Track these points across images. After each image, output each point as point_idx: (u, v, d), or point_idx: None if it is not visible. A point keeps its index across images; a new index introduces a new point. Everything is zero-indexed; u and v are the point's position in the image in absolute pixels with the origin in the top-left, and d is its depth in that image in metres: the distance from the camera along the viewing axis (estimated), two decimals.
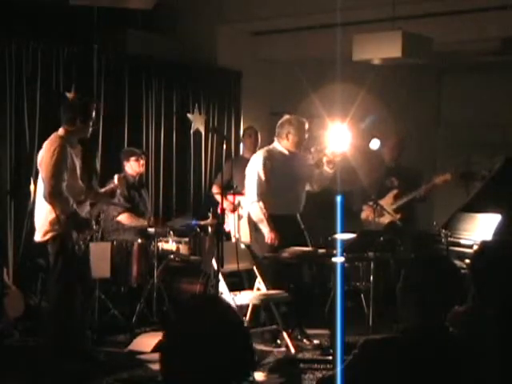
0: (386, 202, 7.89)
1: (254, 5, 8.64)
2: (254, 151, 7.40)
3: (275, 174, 6.65)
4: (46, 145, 5.63)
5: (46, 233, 5.61)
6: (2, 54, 6.97)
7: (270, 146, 6.82)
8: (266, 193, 6.61)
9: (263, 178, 6.62)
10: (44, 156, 5.57)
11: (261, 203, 6.57)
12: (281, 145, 6.74)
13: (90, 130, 5.75)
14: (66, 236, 5.55)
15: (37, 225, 5.71)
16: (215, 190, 7.85)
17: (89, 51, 7.66)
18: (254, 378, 5.18)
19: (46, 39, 7.33)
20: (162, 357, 2.15)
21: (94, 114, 5.73)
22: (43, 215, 5.62)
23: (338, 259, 5.76)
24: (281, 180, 6.65)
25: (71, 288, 5.63)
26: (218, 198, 7.25)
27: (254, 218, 6.64)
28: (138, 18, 8.45)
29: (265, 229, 6.55)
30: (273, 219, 6.55)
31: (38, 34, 7.27)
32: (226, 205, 7.04)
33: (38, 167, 5.66)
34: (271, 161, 6.66)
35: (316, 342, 6.55)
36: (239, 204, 7.28)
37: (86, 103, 5.80)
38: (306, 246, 6.55)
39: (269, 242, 6.50)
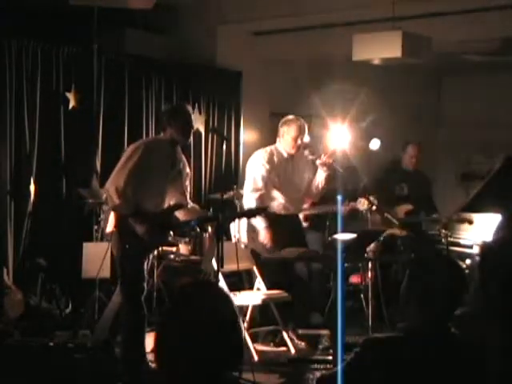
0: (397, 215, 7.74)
1: (254, 5, 8.63)
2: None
3: (272, 174, 6.63)
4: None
5: (111, 226, 5.52)
6: (2, 54, 6.97)
7: (272, 147, 6.78)
8: (265, 193, 6.58)
9: (260, 178, 6.59)
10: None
11: (256, 194, 6.51)
12: (281, 145, 6.74)
13: (188, 134, 5.61)
14: (125, 234, 5.38)
15: (110, 217, 5.63)
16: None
17: (89, 51, 7.65)
18: (254, 378, 5.17)
19: (46, 39, 7.33)
20: (156, 345, 2.15)
21: (188, 118, 5.56)
22: None
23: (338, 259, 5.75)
24: (278, 181, 6.64)
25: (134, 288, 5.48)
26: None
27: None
28: (137, 18, 8.45)
29: (260, 225, 6.48)
30: (271, 217, 6.51)
31: (38, 33, 7.27)
32: None
33: None
34: (268, 161, 6.65)
35: (302, 343, 6.52)
36: None
37: (173, 109, 5.71)
38: (304, 246, 6.51)
39: (264, 241, 6.46)
